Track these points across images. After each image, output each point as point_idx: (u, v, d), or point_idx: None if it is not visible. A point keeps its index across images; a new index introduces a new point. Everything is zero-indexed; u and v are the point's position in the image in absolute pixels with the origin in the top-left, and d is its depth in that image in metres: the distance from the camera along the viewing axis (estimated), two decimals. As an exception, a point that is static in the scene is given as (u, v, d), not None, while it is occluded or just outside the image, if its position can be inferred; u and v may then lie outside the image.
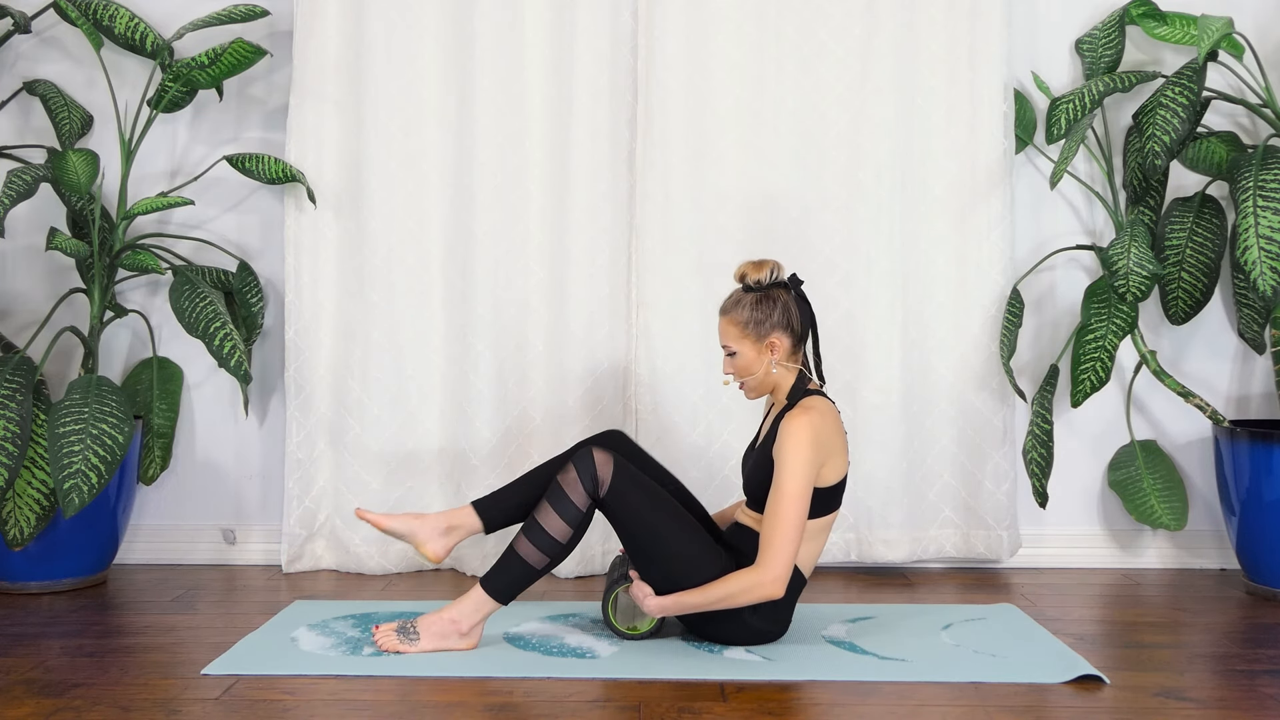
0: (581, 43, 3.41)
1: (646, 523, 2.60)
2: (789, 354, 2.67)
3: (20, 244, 3.60)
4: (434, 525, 2.75)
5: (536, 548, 2.59)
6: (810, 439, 2.55)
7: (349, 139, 3.47)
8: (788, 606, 2.67)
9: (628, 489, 2.59)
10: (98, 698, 2.35)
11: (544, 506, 2.60)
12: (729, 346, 2.67)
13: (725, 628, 2.64)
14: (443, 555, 2.75)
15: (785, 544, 2.52)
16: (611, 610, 2.74)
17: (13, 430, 2.93)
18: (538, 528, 2.59)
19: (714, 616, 2.63)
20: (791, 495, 2.53)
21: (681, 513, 2.64)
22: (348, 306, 3.47)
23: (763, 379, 2.67)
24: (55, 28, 3.60)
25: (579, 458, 2.60)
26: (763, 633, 2.66)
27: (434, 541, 2.75)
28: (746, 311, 2.65)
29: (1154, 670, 2.55)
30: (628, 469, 2.61)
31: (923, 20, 3.42)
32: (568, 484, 2.60)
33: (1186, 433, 3.57)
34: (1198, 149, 3.40)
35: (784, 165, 3.41)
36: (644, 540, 2.61)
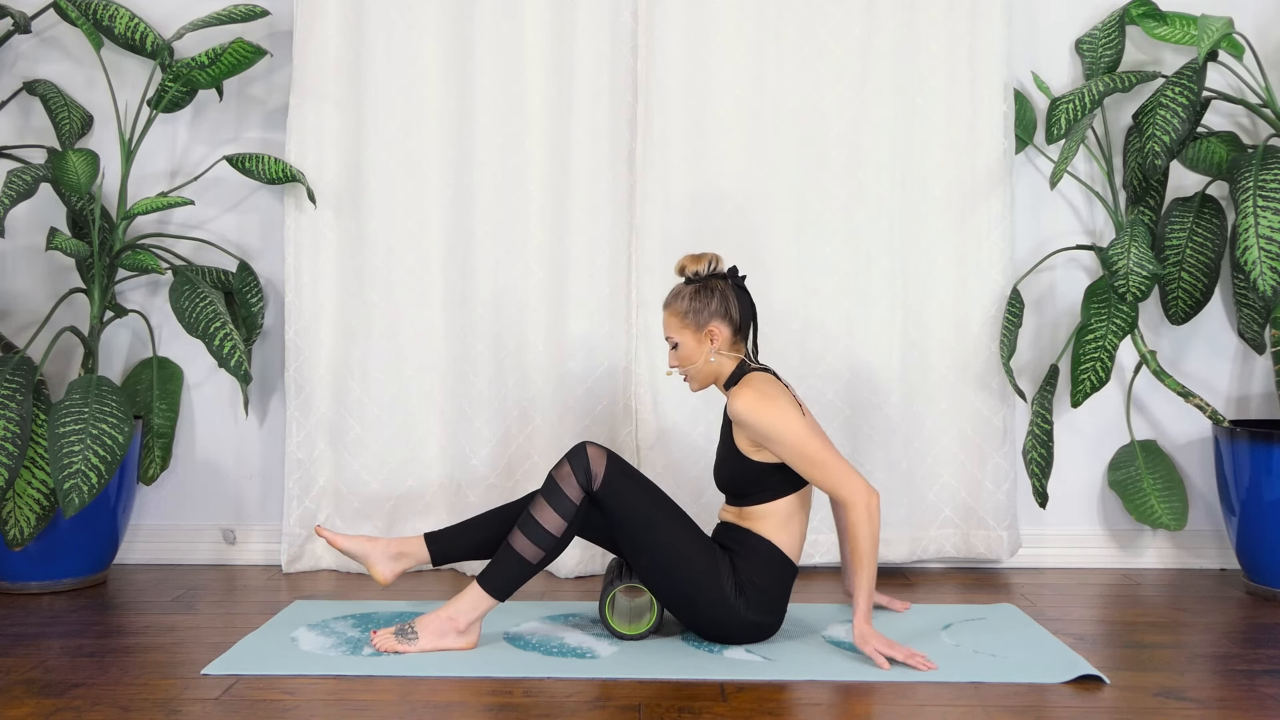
0: (581, 43, 3.41)
1: (640, 515, 2.63)
2: (729, 343, 2.72)
3: (20, 244, 3.60)
4: (385, 549, 2.80)
5: (531, 542, 2.62)
6: (757, 395, 2.62)
7: (349, 139, 3.47)
8: (780, 597, 2.69)
9: (621, 482, 2.64)
10: (98, 698, 2.35)
11: (539, 501, 2.64)
12: (671, 338, 2.74)
13: (720, 622, 2.65)
14: (390, 579, 2.81)
15: (836, 470, 2.59)
16: (609, 611, 2.74)
17: (13, 430, 2.93)
18: (532, 522, 2.62)
19: (708, 611, 2.64)
20: (799, 438, 2.59)
21: (674, 506, 2.68)
22: (348, 306, 3.47)
23: (703, 368, 2.73)
24: (55, 28, 3.60)
25: (573, 453, 2.65)
26: (758, 625, 2.67)
27: (383, 564, 2.80)
28: (685, 302, 2.72)
29: (1154, 670, 2.55)
30: (620, 462, 2.66)
31: (923, 20, 3.42)
32: (562, 478, 2.64)
33: (1186, 433, 3.57)
34: (1198, 149, 3.40)
35: (784, 165, 3.41)
36: (638, 532, 2.64)
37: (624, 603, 2.80)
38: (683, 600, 2.65)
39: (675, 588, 2.64)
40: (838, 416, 3.41)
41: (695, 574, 2.62)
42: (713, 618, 2.65)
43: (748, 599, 2.64)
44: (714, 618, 2.65)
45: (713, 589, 2.62)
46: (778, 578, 2.67)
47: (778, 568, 2.67)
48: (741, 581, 2.65)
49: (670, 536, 2.63)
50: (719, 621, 2.66)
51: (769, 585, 2.66)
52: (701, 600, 2.63)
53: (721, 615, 2.64)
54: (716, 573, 2.63)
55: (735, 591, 2.64)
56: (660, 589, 2.67)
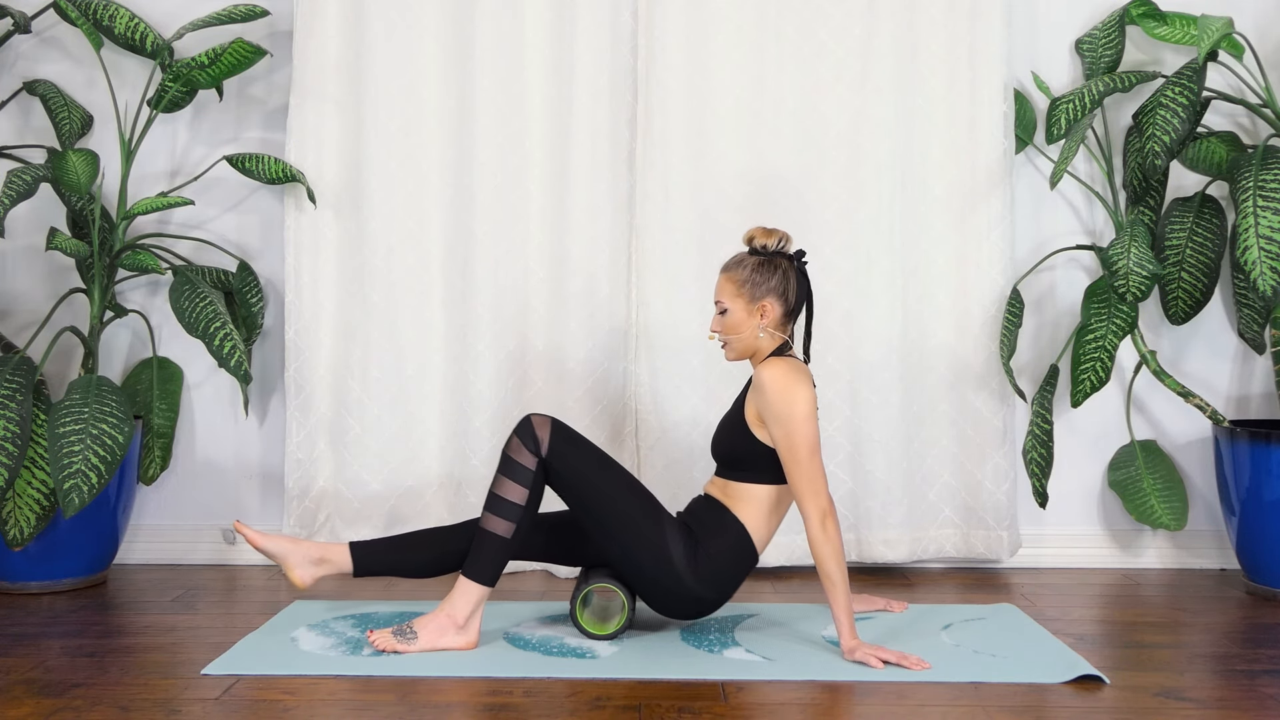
0: (581, 43, 3.41)
1: (589, 480, 2.67)
2: (778, 323, 2.72)
3: (20, 244, 3.60)
4: (306, 553, 2.79)
5: (501, 517, 2.64)
6: (789, 372, 2.61)
7: (349, 139, 3.47)
8: (732, 580, 2.71)
9: (566, 447, 2.67)
10: (98, 698, 2.35)
11: (498, 479, 2.67)
12: (722, 303, 2.73)
13: (664, 588, 2.67)
14: (308, 583, 2.80)
15: (811, 479, 2.58)
16: (580, 610, 2.75)
17: (13, 430, 2.93)
18: (496, 499, 2.65)
19: (652, 575, 2.67)
20: (801, 430, 2.58)
21: (623, 471, 2.71)
22: (348, 306, 3.47)
23: (747, 340, 2.73)
24: (55, 28, 3.60)
25: (519, 425, 2.69)
26: (701, 599, 2.69)
27: (303, 568, 2.79)
28: (746, 272, 2.72)
29: (1154, 670, 2.55)
30: (565, 428, 2.69)
31: (923, 20, 3.42)
32: (513, 450, 2.67)
33: (1186, 433, 3.57)
34: (1198, 149, 3.40)
35: (784, 165, 3.41)
36: (586, 494, 2.67)
37: (596, 603, 2.81)
38: (630, 563, 2.68)
39: (622, 550, 2.68)
40: (838, 416, 3.41)
41: (642, 537, 2.66)
42: (657, 582, 2.67)
43: (698, 571, 2.66)
44: (658, 582, 2.67)
45: (659, 553, 2.65)
46: (737, 560, 2.70)
47: (741, 551, 2.70)
48: (698, 553, 2.67)
49: (617, 499, 2.67)
50: (663, 587, 2.68)
51: (726, 565, 2.69)
52: (647, 564, 2.66)
53: (666, 581, 2.66)
54: (664, 538, 2.66)
55: (686, 560, 2.66)
56: (608, 552, 2.70)
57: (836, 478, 3.42)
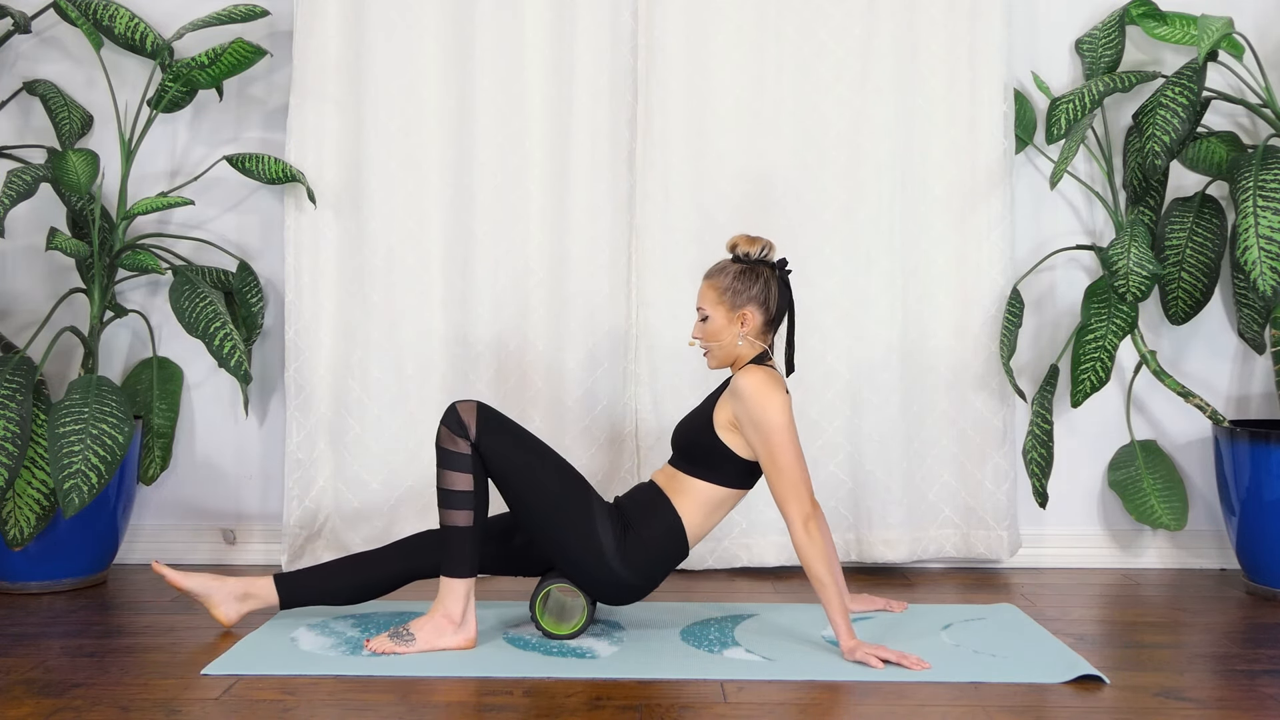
0: (581, 43, 3.41)
1: (516, 464, 2.67)
2: (759, 331, 2.72)
3: (20, 244, 3.60)
4: (231, 590, 2.80)
5: (457, 509, 2.65)
6: (766, 380, 2.63)
7: (349, 139, 3.47)
8: (660, 569, 2.72)
9: (494, 432, 2.66)
10: (98, 698, 2.35)
11: (441, 473, 2.66)
12: (703, 310, 2.74)
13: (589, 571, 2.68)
14: (234, 620, 2.80)
15: (794, 485, 2.59)
16: (540, 609, 2.74)
17: (13, 430, 2.93)
18: (446, 493, 2.65)
19: (578, 557, 2.67)
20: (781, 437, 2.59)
21: (550, 453, 2.72)
22: (348, 306, 3.47)
23: (727, 348, 2.73)
24: (55, 28, 3.60)
25: (445, 414, 2.68)
26: (626, 584, 2.70)
27: (227, 605, 2.80)
28: (728, 279, 2.72)
29: (1154, 670, 2.55)
30: (492, 412, 2.69)
31: (923, 20, 3.42)
32: (445, 439, 2.67)
33: (1186, 433, 3.57)
34: (1198, 149, 3.40)
35: (784, 165, 3.41)
36: (511, 476, 2.67)
37: (556, 601, 2.79)
38: (558, 546, 2.69)
39: (551, 533, 2.68)
40: (838, 416, 3.41)
41: (569, 518, 2.66)
42: (580, 564, 2.68)
43: (626, 555, 2.67)
44: (582, 565, 2.68)
45: (586, 535, 2.66)
46: (667, 550, 2.71)
47: (672, 542, 2.71)
48: (628, 539, 2.68)
49: (546, 483, 2.67)
50: (588, 571, 2.68)
51: (655, 553, 2.70)
52: (573, 546, 2.67)
53: (591, 564, 2.67)
54: (591, 520, 2.67)
55: (614, 545, 2.67)
56: (538, 536, 2.71)
57: (836, 478, 3.42)
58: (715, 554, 3.44)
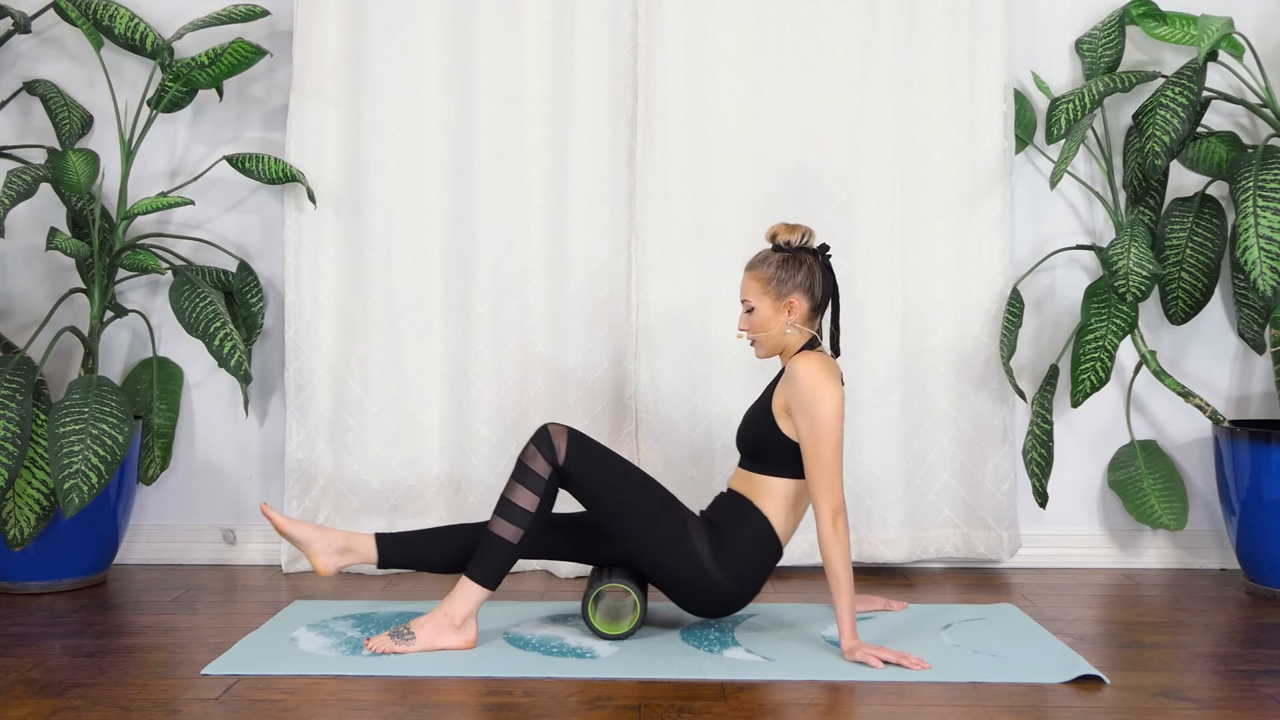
0: (581, 43, 3.41)
1: (609, 485, 2.67)
2: (805, 318, 2.73)
3: (20, 244, 3.60)
4: (332, 541, 2.79)
5: (509, 522, 2.64)
6: (822, 367, 2.62)
7: (349, 139, 3.47)
8: (759, 574, 2.71)
9: (583, 453, 2.67)
10: (98, 698, 2.35)
11: (511, 484, 2.66)
12: (748, 301, 2.74)
13: (692, 586, 2.68)
14: (331, 571, 2.78)
15: (830, 477, 2.59)
16: (593, 610, 2.75)
17: (13, 430, 2.93)
18: (507, 503, 2.65)
19: (679, 574, 2.67)
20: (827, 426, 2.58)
21: (640, 473, 2.72)
22: (348, 306, 3.47)
23: (775, 337, 2.74)
24: (55, 28, 3.60)
25: (535, 434, 2.69)
26: (729, 594, 2.70)
27: (327, 556, 2.78)
28: (771, 269, 2.72)
29: (1154, 670, 2.55)
30: (581, 436, 2.70)
31: (923, 20, 3.42)
32: (529, 457, 2.67)
33: (1186, 433, 3.57)
34: (1198, 149, 3.40)
35: (784, 165, 3.41)
36: (606, 499, 2.67)
37: (608, 603, 2.81)
38: (656, 565, 2.69)
39: (648, 553, 2.68)
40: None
41: (665, 536, 2.66)
42: (684, 580, 2.68)
43: (724, 565, 2.67)
44: (685, 581, 2.68)
45: (684, 551, 2.66)
46: (762, 554, 2.71)
47: (766, 544, 2.71)
48: (723, 548, 2.68)
49: (639, 502, 2.67)
50: (691, 585, 2.68)
51: (752, 558, 2.69)
52: (672, 563, 2.67)
53: (693, 578, 2.67)
54: (687, 535, 2.67)
55: (711, 557, 2.66)
56: (633, 555, 2.70)
57: (836, 478, 3.42)
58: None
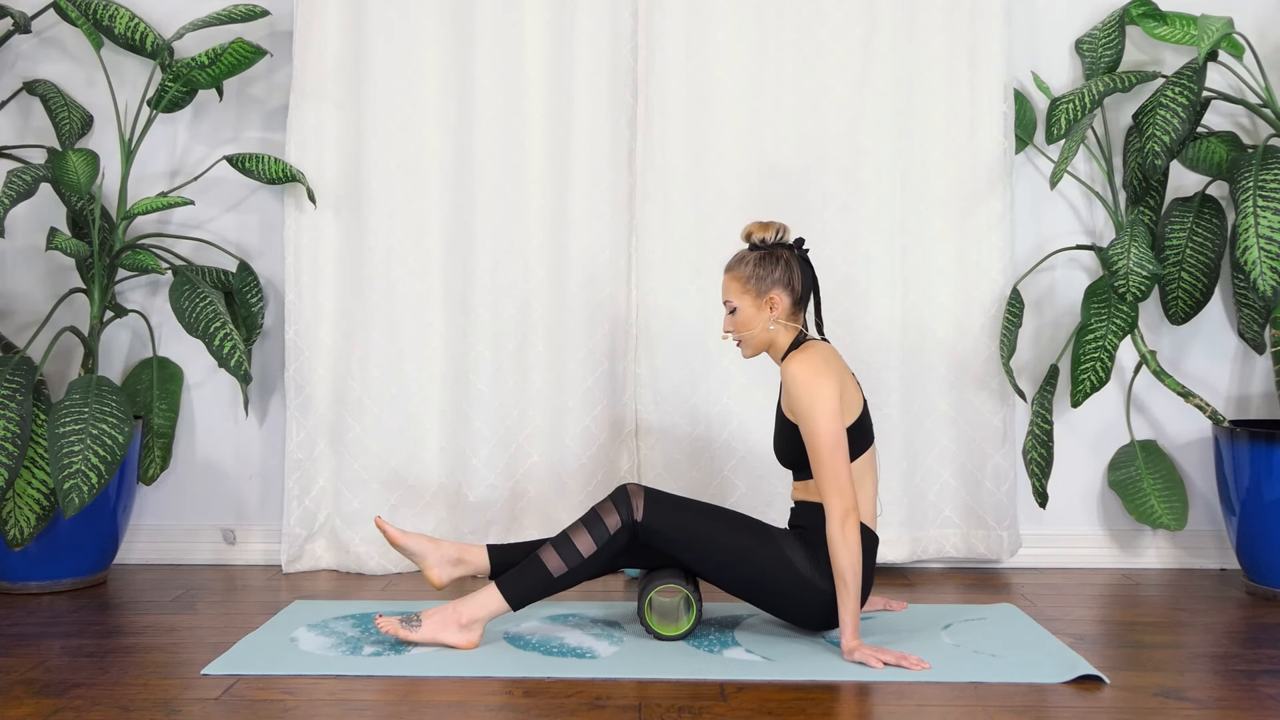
0: (581, 42, 3.41)
1: (690, 528, 2.67)
2: (788, 313, 2.73)
3: (20, 244, 3.60)
4: (446, 553, 2.80)
5: (560, 557, 2.65)
6: (812, 367, 2.62)
7: (349, 139, 3.47)
8: (866, 565, 2.68)
9: (658, 506, 2.68)
10: (98, 698, 2.35)
11: (577, 525, 2.69)
12: (730, 302, 2.74)
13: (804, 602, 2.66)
14: (445, 583, 2.81)
15: (833, 477, 2.58)
16: (649, 614, 2.75)
17: (13, 430, 2.93)
18: (566, 540, 2.67)
19: (789, 595, 2.66)
20: (821, 427, 2.58)
21: (716, 508, 2.72)
22: (348, 306, 3.47)
23: (759, 335, 2.74)
24: (55, 28, 3.60)
25: (615, 492, 2.70)
26: None
27: (441, 568, 2.80)
28: (749, 268, 2.72)
29: (1154, 670, 2.55)
30: (657, 492, 2.71)
31: (923, 20, 3.42)
32: (603, 510, 2.68)
33: (1186, 433, 3.57)
34: (1198, 149, 3.40)
35: (784, 165, 3.41)
36: (698, 547, 2.67)
37: (662, 604, 2.82)
38: (762, 594, 2.69)
39: (750, 585, 2.68)
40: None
41: (761, 565, 2.65)
42: (791, 596, 2.67)
43: (825, 572, 2.64)
44: (793, 596, 2.67)
45: (784, 573, 2.65)
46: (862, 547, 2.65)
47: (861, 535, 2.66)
48: (819, 555, 2.65)
49: (728, 537, 2.66)
50: (803, 602, 2.67)
51: None
52: (778, 588, 2.66)
53: (799, 593, 2.66)
54: (783, 556, 2.65)
55: (810, 566, 2.64)
56: (738, 590, 2.70)
57: (836, 478, 3.42)
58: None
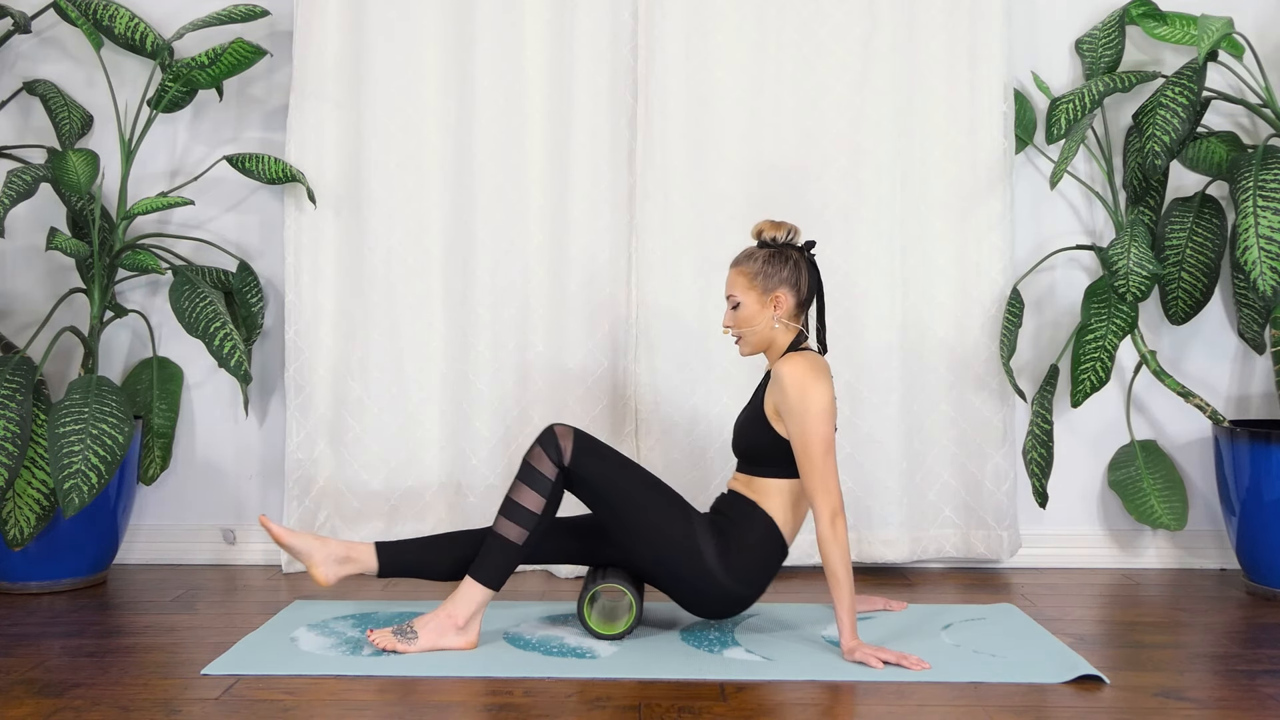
0: (581, 42, 3.41)
1: (615, 486, 2.67)
2: (791, 314, 2.73)
3: (20, 244, 3.60)
4: (333, 551, 2.77)
5: (514, 523, 2.64)
6: (811, 368, 2.63)
7: (349, 139, 3.47)
8: (764, 574, 2.71)
9: (588, 455, 2.67)
10: (98, 698, 2.35)
11: (516, 485, 2.66)
12: (734, 296, 2.74)
13: (697, 588, 2.68)
14: (331, 581, 2.77)
15: (823, 477, 2.59)
16: (588, 611, 2.75)
17: (13, 430, 2.93)
18: (512, 504, 2.65)
19: (685, 576, 2.67)
20: (815, 427, 2.59)
21: (646, 474, 2.72)
22: (348, 306, 3.47)
23: (761, 333, 2.74)
24: (55, 28, 3.60)
25: (541, 435, 2.69)
26: (735, 596, 2.70)
27: (327, 566, 2.77)
28: (757, 264, 2.73)
29: (1154, 670, 2.55)
30: (588, 437, 2.69)
31: (923, 20, 3.42)
32: (534, 458, 2.67)
33: (1186, 433, 3.57)
34: (1198, 149, 3.40)
35: (783, 165, 3.41)
36: (611, 500, 2.67)
37: (604, 604, 2.82)
38: (661, 566, 2.69)
39: (653, 554, 2.68)
40: (838, 416, 3.41)
41: (670, 536, 2.66)
42: (689, 583, 2.68)
43: (729, 567, 2.67)
44: (690, 583, 2.68)
45: (689, 554, 2.66)
46: (768, 554, 2.71)
47: (771, 544, 2.71)
48: (729, 549, 2.67)
49: (645, 503, 2.67)
50: (695, 588, 2.68)
51: (757, 558, 2.69)
52: (678, 566, 2.67)
53: (698, 581, 2.67)
54: (693, 538, 2.66)
55: (717, 558, 2.66)
56: (638, 556, 2.70)
57: (836, 478, 3.42)
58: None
